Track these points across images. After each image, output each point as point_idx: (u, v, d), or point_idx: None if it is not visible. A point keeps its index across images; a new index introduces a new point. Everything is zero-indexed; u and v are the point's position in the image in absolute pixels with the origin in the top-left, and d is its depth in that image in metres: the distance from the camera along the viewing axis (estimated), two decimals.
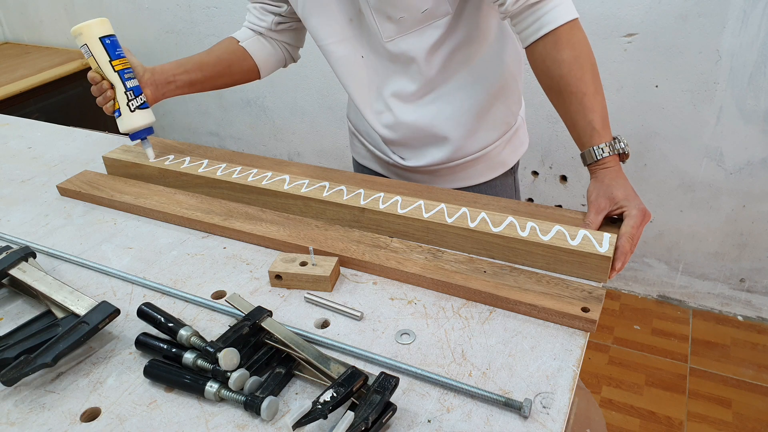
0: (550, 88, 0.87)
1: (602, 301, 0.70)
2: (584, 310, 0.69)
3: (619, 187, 0.82)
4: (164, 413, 0.61)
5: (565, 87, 0.84)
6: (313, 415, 0.55)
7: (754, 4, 1.58)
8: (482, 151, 1.05)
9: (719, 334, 1.99)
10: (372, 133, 1.08)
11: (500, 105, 1.03)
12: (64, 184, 1.02)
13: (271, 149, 2.56)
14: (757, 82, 1.67)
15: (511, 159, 1.11)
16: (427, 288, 0.77)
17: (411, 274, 0.77)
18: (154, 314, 0.68)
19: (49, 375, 0.66)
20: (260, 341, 0.66)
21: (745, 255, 1.94)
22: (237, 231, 0.88)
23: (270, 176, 0.94)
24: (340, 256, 0.81)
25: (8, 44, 2.80)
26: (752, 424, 1.68)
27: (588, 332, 0.69)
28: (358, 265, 0.81)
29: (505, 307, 0.73)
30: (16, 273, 0.76)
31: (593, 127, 0.83)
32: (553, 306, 0.70)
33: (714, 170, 1.84)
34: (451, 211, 0.83)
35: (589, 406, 1.01)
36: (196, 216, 0.91)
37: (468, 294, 0.74)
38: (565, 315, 0.69)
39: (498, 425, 0.58)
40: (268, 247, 0.86)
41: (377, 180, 0.99)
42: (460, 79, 0.98)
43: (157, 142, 1.15)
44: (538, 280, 0.74)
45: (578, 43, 0.83)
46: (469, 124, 1.01)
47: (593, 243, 0.75)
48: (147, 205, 0.95)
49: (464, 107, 1.00)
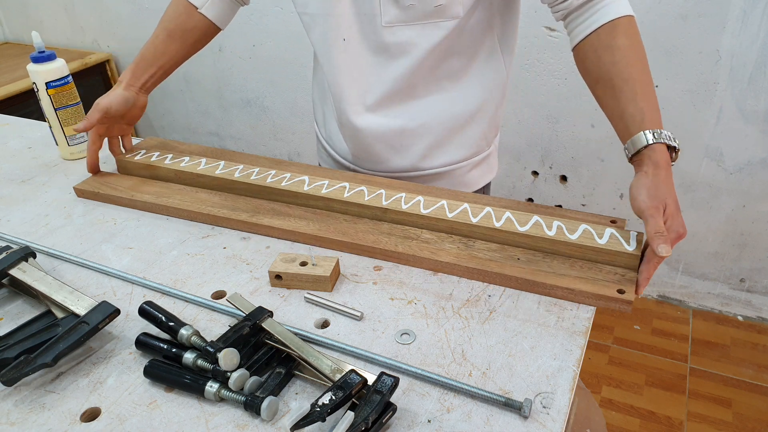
0: (599, 79, 0.81)
1: (635, 284, 0.73)
2: (620, 291, 0.71)
3: (671, 193, 0.73)
4: (164, 413, 0.61)
5: (618, 74, 0.79)
6: (311, 418, 0.55)
7: (754, 4, 1.58)
8: (445, 168, 1.02)
9: (719, 334, 1.99)
10: (329, 125, 1.04)
11: (475, 127, 1.00)
12: (81, 185, 1.02)
13: (271, 149, 2.56)
14: (757, 82, 1.67)
15: (476, 182, 1.08)
16: (461, 276, 0.78)
17: (445, 263, 0.78)
18: (155, 313, 0.68)
19: (49, 375, 0.66)
20: (260, 341, 0.66)
21: (745, 255, 1.94)
22: (266, 227, 0.88)
23: (289, 177, 0.94)
24: (371, 248, 0.82)
25: (8, 44, 2.80)
26: (752, 424, 1.68)
27: (625, 311, 0.71)
28: (391, 257, 0.81)
29: (542, 292, 0.74)
30: (16, 273, 0.76)
31: (644, 114, 0.76)
32: (590, 289, 0.72)
33: (714, 170, 1.84)
34: (475, 211, 0.83)
35: (589, 406, 1.01)
36: (223, 213, 0.91)
37: (504, 281, 0.76)
38: (601, 297, 0.71)
39: (498, 425, 0.58)
40: (297, 241, 0.87)
41: (377, 180, 0.99)
42: (441, 90, 0.95)
43: (157, 142, 1.15)
44: (572, 265, 0.76)
45: (635, 34, 0.81)
46: (439, 138, 0.98)
47: (621, 241, 0.76)
48: (171, 204, 0.94)
49: (438, 119, 0.97)
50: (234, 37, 2.31)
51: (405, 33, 0.87)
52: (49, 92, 1.06)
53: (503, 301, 0.74)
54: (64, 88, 1.07)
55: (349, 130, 0.99)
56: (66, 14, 2.62)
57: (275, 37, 2.23)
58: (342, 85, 0.94)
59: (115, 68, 2.63)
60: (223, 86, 2.48)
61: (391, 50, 0.89)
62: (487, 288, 0.77)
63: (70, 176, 1.09)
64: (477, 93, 0.97)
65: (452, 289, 0.77)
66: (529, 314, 0.72)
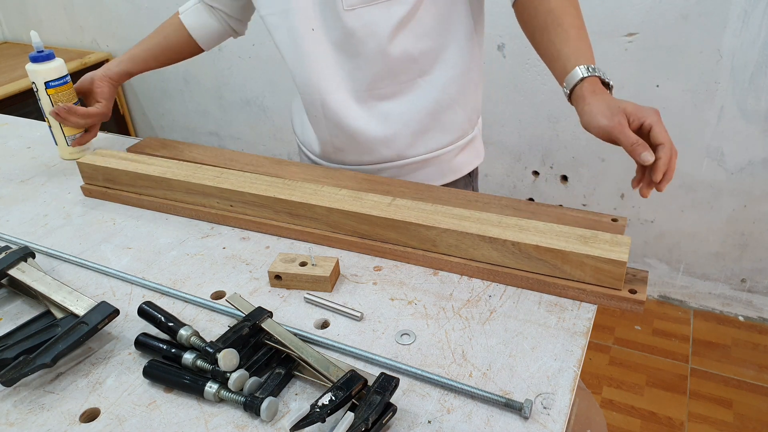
0: (536, 27, 0.84)
1: (647, 283, 0.72)
2: (632, 291, 0.71)
3: (621, 102, 0.73)
4: (164, 414, 0.61)
5: (553, 20, 0.82)
6: (310, 419, 0.54)
7: (755, 3, 1.57)
8: (431, 153, 1.02)
9: (720, 335, 1.98)
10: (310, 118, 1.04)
11: (459, 110, 1.00)
12: (87, 185, 1.01)
13: (271, 149, 2.55)
14: (758, 81, 1.66)
15: (464, 167, 1.08)
16: (472, 277, 0.78)
17: (455, 263, 0.78)
18: (154, 313, 0.68)
19: (48, 375, 0.66)
20: (260, 342, 0.66)
21: (746, 255, 1.93)
22: (285, 228, 0.88)
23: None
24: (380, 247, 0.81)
25: (8, 44, 2.80)
26: (753, 425, 1.67)
27: (636, 311, 0.72)
28: (393, 255, 0.82)
29: (552, 291, 0.74)
30: (16, 273, 0.76)
31: (579, 53, 0.79)
32: (602, 289, 0.72)
33: (715, 170, 1.84)
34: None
35: (590, 406, 1.01)
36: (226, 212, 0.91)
37: (514, 280, 0.76)
38: (613, 297, 0.71)
39: (498, 426, 0.58)
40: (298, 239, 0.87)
41: (377, 179, 0.99)
42: (422, 72, 0.93)
43: (157, 142, 1.14)
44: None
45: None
46: (423, 124, 0.98)
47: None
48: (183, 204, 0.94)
49: (420, 105, 0.96)
50: None
51: (370, 13, 0.86)
52: (48, 92, 1.06)
53: (504, 301, 0.74)
54: (63, 88, 1.07)
55: (333, 122, 0.98)
56: (65, 14, 2.62)
57: None
58: (318, 76, 0.94)
59: None
60: (222, 86, 2.48)
61: (357, 35, 0.88)
62: (488, 288, 0.76)
63: (69, 176, 1.09)
64: (460, 74, 0.97)
65: (452, 290, 0.76)
66: (530, 315, 0.72)
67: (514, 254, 0.75)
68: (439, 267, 0.80)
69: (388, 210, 0.82)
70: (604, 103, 0.74)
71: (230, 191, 0.89)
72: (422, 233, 0.79)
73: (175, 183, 0.93)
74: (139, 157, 1.00)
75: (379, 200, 0.84)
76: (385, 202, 0.84)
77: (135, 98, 2.74)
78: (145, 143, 1.14)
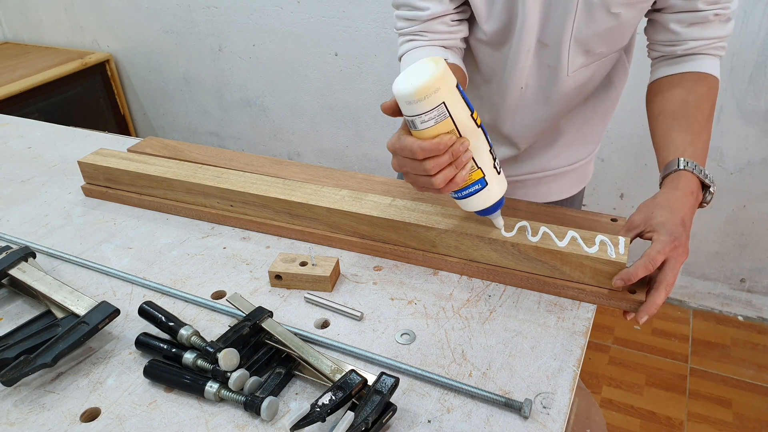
0: (662, 111, 0.82)
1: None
2: (631, 291, 0.72)
3: (667, 210, 0.70)
4: (164, 413, 0.61)
5: (683, 111, 0.80)
6: (311, 418, 0.55)
7: (754, 3, 1.57)
8: (572, 166, 1.04)
9: (719, 334, 1.99)
10: None
11: (599, 121, 1.02)
12: (88, 185, 1.02)
13: (271, 149, 2.56)
14: (757, 81, 1.67)
15: (591, 169, 1.12)
16: (472, 276, 0.78)
17: (455, 263, 0.78)
18: (155, 313, 0.68)
19: (48, 375, 0.66)
20: (260, 341, 0.66)
21: (745, 255, 1.94)
22: (285, 228, 0.88)
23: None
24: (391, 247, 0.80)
25: (8, 44, 2.80)
26: (752, 425, 1.68)
27: None
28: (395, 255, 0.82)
29: (552, 292, 0.74)
30: (16, 273, 0.76)
31: (690, 146, 0.76)
32: (601, 290, 0.72)
33: (714, 170, 1.84)
34: None
35: (590, 406, 1.01)
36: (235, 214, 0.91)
37: (514, 279, 0.76)
38: (613, 297, 0.72)
39: (498, 425, 0.58)
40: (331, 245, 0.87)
41: (378, 179, 0.99)
42: (584, 101, 0.97)
43: (157, 142, 1.15)
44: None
45: (714, 93, 0.83)
46: (570, 137, 1.01)
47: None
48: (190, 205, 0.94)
49: (572, 123, 0.99)
50: (234, 36, 2.31)
51: (585, 74, 0.88)
52: None
53: (503, 301, 0.74)
54: None
55: None
56: (66, 14, 2.62)
57: (275, 37, 2.23)
58: (505, 123, 0.96)
59: (115, 68, 2.63)
60: (222, 86, 2.48)
61: (570, 96, 0.90)
62: (487, 288, 0.77)
63: (70, 176, 1.09)
64: (612, 96, 1.00)
65: (452, 289, 0.77)
66: (530, 314, 0.72)
67: (513, 255, 0.75)
68: (439, 267, 0.80)
69: (387, 210, 0.82)
70: (653, 203, 0.73)
71: (231, 191, 0.89)
72: (422, 234, 0.80)
73: (176, 183, 0.93)
74: (139, 157, 1.01)
75: (379, 200, 0.84)
76: (385, 202, 0.84)
77: (135, 98, 2.74)
78: (145, 143, 1.15)
